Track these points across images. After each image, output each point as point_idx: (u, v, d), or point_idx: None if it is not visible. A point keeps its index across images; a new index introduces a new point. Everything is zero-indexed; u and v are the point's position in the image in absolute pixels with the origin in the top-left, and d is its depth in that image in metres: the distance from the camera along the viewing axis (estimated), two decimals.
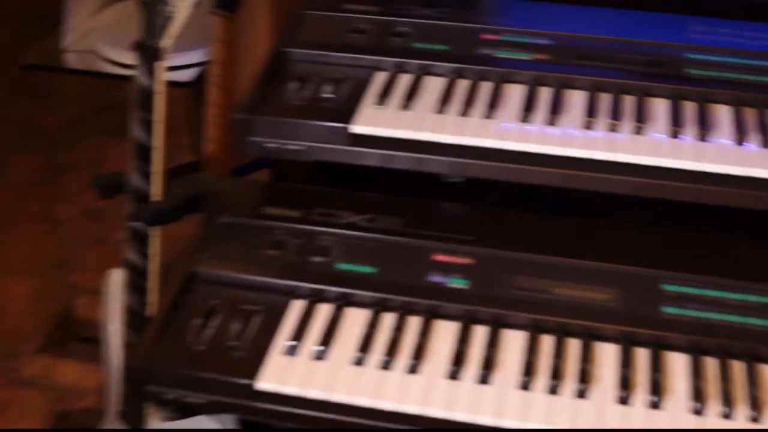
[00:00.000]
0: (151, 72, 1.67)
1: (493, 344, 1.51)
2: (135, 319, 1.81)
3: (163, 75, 1.67)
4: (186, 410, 1.76)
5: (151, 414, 1.85)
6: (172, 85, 1.72)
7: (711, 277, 1.57)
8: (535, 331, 1.53)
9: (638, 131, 1.61)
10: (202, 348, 1.52)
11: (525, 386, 1.44)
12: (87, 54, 2.49)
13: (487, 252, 1.63)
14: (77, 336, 2.86)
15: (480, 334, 1.53)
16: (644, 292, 1.56)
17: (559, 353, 1.49)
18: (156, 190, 1.74)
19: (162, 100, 1.68)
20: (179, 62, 2.35)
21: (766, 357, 1.50)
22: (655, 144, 1.59)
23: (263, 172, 2.34)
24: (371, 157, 1.65)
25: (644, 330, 1.51)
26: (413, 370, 1.47)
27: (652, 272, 1.58)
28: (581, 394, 1.43)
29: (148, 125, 1.70)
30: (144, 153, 1.72)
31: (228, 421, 1.75)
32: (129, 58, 2.34)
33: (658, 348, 1.50)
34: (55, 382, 2.74)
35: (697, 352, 1.49)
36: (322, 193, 1.78)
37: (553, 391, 1.44)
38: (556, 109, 1.66)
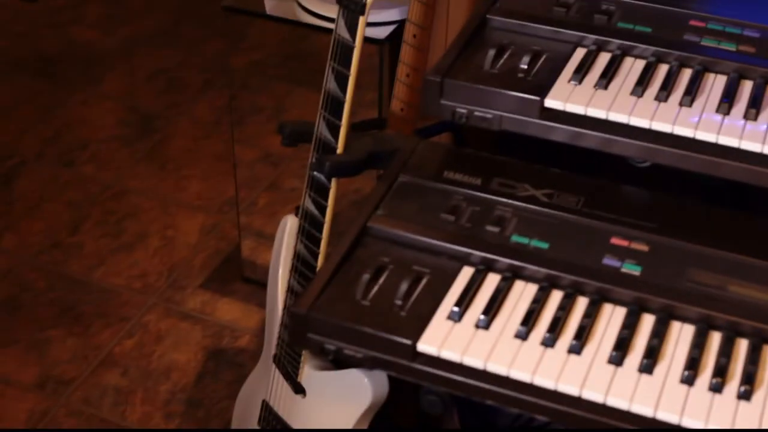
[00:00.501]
0: (351, 26, 1.70)
1: (659, 335, 1.52)
2: (304, 267, 1.87)
3: (363, 30, 1.71)
4: (341, 362, 1.82)
5: (306, 362, 1.93)
6: (366, 40, 1.77)
7: None
8: (704, 326, 1.53)
9: None
10: (368, 303, 1.57)
11: (687, 381, 1.45)
12: (287, 2, 2.57)
13: (664, 240, 1.63)
14: (241, 276, 2.98)
15: (647, 322, 1.54)
16: None
17: (726, 352, 1.49)
18: (340, 142, 1.81)
19: (358, 55, 1.72)
20: (376, 19, 2.41)
21: None
22: None
23: (445, 136, 2.40)
24: (560, 132, 1.67)
25: None
26: (575, 350, 1.50)
27: None
28: (745, 396, 1.43)
29: (341, 78, 1.74)
30: (334, 105, 1.76)
31: (380, 378, 1.81)
32: (330, 10, 2.43)
33: None
34: (214, 318, 2.86)
35: None
36: (505, 163, 1.81)
37: (716, 389, 1.44)
38: (756, 105, 1.65)
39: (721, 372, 1.46)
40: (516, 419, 2.51)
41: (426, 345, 1.52)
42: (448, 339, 1.52)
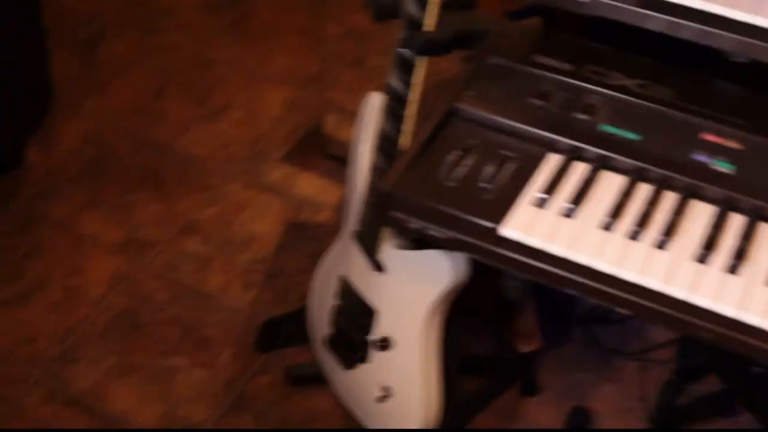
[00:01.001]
0: None
1: (747, 236, 1.50)
2: (388, 144, 1.86)
3: None
4: (421, 243, 1.81)
5: (386, 239, 1.94)
6: None
7: None
8: None
9: None
10: (452, 184, 1.56)
11: None
12: None
13: (758, 140, 1.60)
14: (323, 151, 2.97)
15: (736, 222, 1.53)
16: None
17: None
18: (430, 20, 1.78)
19: None
20: None
21: None
22: None
23: (536, 19, 2.36)
24: (658, 21, 1.61)
25: None
26: (661, 245, 1.48)
27: None
28: None
29: None
30: None
31: (460, 261, 1.81)
32: None
33: None
34: (294, 191, 2.88)
35: None
36: (596, 50, 1.78)
37: None
38: None
39: None
40: (591, 311, 2.52)
41: (510, 230, 1.51)
42: (532, 225, 1.52)
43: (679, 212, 1.53)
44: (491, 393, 2.34)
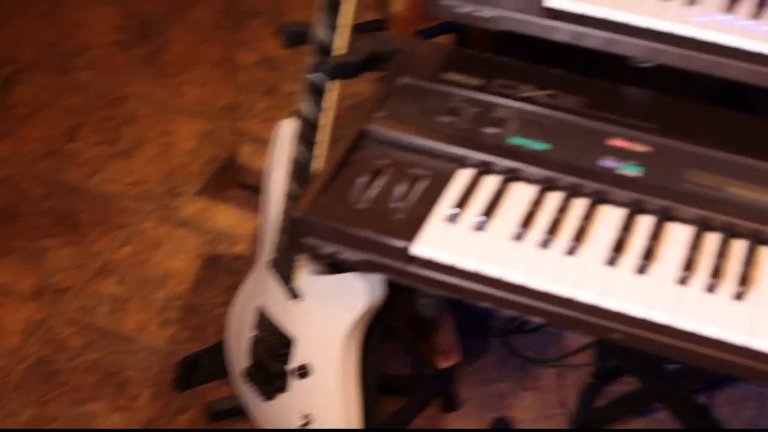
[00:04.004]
0: None
1: (656, 236, 1.56)
2: (301, 171, 1.90)
3: None
4: (337, 267, 1.86)
5: (302, 266, 1.97)
6: None
7: None
8: (702, 227, 1.57)
9: None
10: (364, 206, 1.60)
11: (683, 281, 1.49)
12: None
13: (665, 142, 1.66)
14: (239, 182, 3.01)
15: (645, 224, 1.58)
16: None
17: (722, 253, 1.53)
18: (340, 44, 1.81)
19: None
20: None
21: None
22: None
23: (448, 37, 2.41)
24: (564, 32, 1.68)
25: None
26: (571, 251, 1.54)
27: None
28: (739, 296, 1.47)
29: None
30: (333, 5, 1.77)
31: (375, 282, 1.85)
32: None
33: None
34: (210, 225, 2.91)
35: None
36: (506, 64, 1.83)
37: (711, 289, 1.48)
38: (763, 1, 1.67)
39: (716, 273, 1.51)
40: (508, 322, 2.60)
41: (422, 247, 1.55)
42: (444, 241, 1.56)
43: (588, 218, 1.59)
44: (412, 411, 2.39)
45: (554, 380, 2.57)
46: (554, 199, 1.63)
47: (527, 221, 1.58)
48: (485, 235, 1.57)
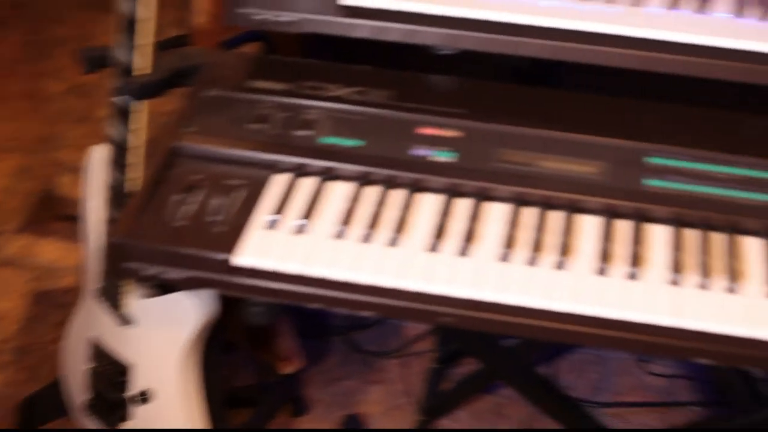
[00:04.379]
0: None
1: (475, 217, 1.59)
2: (116, 195, 1.88)
3: None
4: (165, 287, 1.86)
5: (130, 291, 1.94)
6: None
7: (694, 150, 1.64)
8: (519, 203, 1.61)
9: (635, 3, 1.68)
10: (182, 223, 1.59)
11: (504, 258, 1.53)
12: None
13: (474, 125, 1.69)
14: (59, 214, 2.95)
15: (463, 207, 1.61)
16: (628, 165, 1.63)
17: (540, 226, 1.57)
18: (143, 63, 1.80)
19: None
20: None
21: (746, 229, 1.58)
22: (651, 16, 1.65)
23: (254, 45, 2.41)
24: (363, 28, 1.69)
25: (626, 202, 1.59)
26: (393, 243, 1.55)
27: (637, 145, 1.65)
28: (560, 266, 1.52)
29: None
30: (130, 25, 1.76)
31: (206, 298, 1.84)
32: None
33: (639, 220, 1.59)
34: (35, 261, 2.85)
35: (678, 224, 1.58)
36: (311, 66, 1.83)
37: (532, 262, 1.52)
38: None
39: (537, 246, 1.54)
40: (347, 319, 2.63)
41: (244, 257, 1.55)
42: (265, 248, 1.56)
43: (407, 208, 1.61)
44: (262, 420, 2.39)
45: (399, 371, 2.61)
46: (372, 193, 1.64)
47: (347, 218, 1.60)
48: (306, 237, 1.58)
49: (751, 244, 1.57)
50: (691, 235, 1.58)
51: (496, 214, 1.61)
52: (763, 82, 1.61)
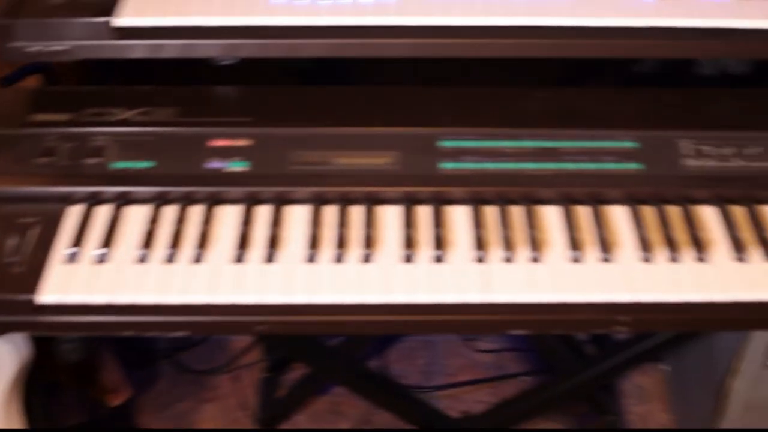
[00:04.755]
0: None
1: (277, 222, 1.58)
2: None
3: None
4: None
5: None
6: None
7: (483, 129, 1.67)
8: (318, 203, 1.61)
9: None
10: None
11: (311, 259, 1.53)
12: None
13: (264, 131, 1.68)
14: None
15: (263, 214, 1.61)
16: (422, 151, 1.64)
17: (342, 222, 1.58)
18: None
19: None
20: None
21: (542, 198, 1.62)
22: (423, 4, 1.65)
23: (35, 78, 2.35)
24: (138, 49, 1.66)
25: (424, 188, 1.61)
26: (198, 259, 1.54)
27: (428, 131, 1.67)
28: (367, 259, 1.53)
29: None
30: None
31: (19, 340, 1.79)
32: None
33: (438, 204, 1.60)
34: None
35: (476, 202, 1.61)
36: (92, 92, 1.79)
37: (339, 259, 1.53)
38: None
39: (341, 243, 1.55)
40: (172, 341, 2.61)
41: (47, 295, 1.51)
42: (69, 283, 1.53)
43: (207, 222, 1.60)
44: None
45: (230, 385, 2.61)
46: (170, 212, 1.62)
47: (148, 241, 1.57)
48: (109, 265, 1.55)
49: (549, 213, 1.61)
50: (491, 212, 1.61)
51: (297, 216, 1.61)
52: (539, 56, 1.64)
